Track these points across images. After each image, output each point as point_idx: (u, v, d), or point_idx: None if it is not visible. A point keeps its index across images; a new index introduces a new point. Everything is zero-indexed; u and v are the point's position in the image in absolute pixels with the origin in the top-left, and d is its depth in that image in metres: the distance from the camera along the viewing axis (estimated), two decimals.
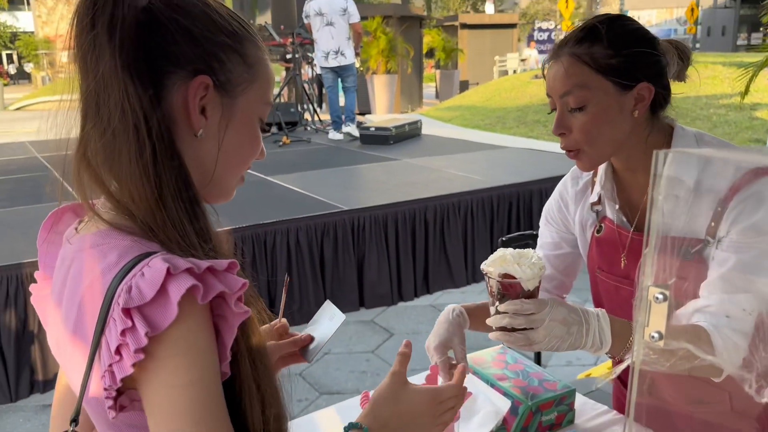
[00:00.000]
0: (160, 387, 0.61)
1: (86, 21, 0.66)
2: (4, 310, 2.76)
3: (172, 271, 0.61)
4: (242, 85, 0.74)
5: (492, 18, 19.60)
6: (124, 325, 0.60)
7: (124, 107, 0.66)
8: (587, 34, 1.08)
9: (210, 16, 0.72)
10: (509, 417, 1.25)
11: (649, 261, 0.44)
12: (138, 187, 0.66)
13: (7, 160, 6.12)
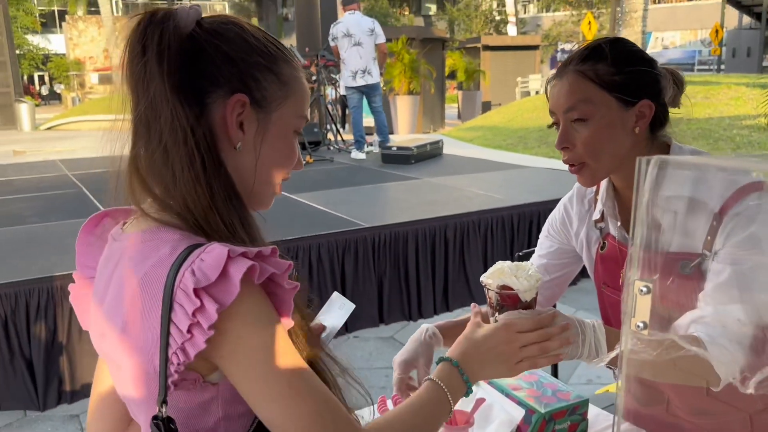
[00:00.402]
0: (240, 354, 0.70)
1: (138, 49, 0.75)
2: (35, 322, 2.85)
3: (231, 255, 0.68)
4: (277, 101, 0.82)
5: (514, 40, 19.71)
6: (194, 305, 0.67)
7: (173, 124, 0.74)
8: (591, 53, 1.12)
9: (246, 40, 0.80)
10: (523, 425, 1.28)
11: (635, 258, 0.48)
12: (191, 193, 0.74)
13: (39, 177, 6.30)
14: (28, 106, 17.38)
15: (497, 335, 0.93)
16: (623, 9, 10.98)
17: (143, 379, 0.74)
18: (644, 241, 0.47)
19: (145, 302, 0.71)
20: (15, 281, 2.85)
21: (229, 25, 0.80)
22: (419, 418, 0.84)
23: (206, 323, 0.67)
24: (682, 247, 1.04)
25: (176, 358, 0.69)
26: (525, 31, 32.37)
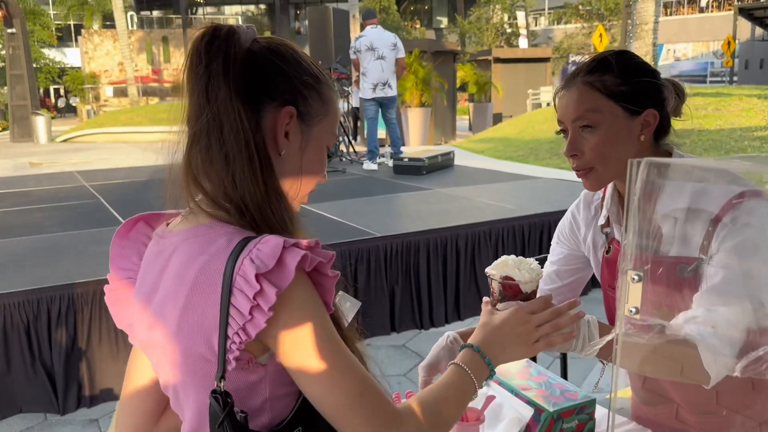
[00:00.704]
0: (291, 335, 0.78)
1: (204, 60, 0.83)
2: (56, 328, 2.92)
3: (285, 245, 0.76)
4: (318, 117, 0.91)
5: (525, 52, 19.79)
6: (254, 290, 0.74)
7: (237, 129, 0.82)
8: (598, 65, 1.18)
9: (298, 60, 0.89)
10: (532, 423, 1.32)
11: (629, 250, 0.53)
12: (250, 189, 0.82)
13: (57, 188, 6.42)
14: (45, 119, 17.63)
15: (512, 318, 1.01)
16: (634, 21, 11.01)
17: (197, 361, 0.81)
18: (636, 234, 0.52)
19: (204, 289, 0.78)
20: (36, 288, 2.92)
21: (285, 46, 0.90)
22: (449, 395, 0.91)
23: (266, 305, 0.74)
24: (681, 251, 1.09)
25: (237, 337, 0.76)
26: (536, 44, 32.46)
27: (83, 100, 33.95)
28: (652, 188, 1.11)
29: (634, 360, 0.80)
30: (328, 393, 0.78)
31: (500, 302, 1.09)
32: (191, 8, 40.60)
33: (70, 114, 38.42)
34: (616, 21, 28.84)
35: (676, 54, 32.66)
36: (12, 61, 18.08)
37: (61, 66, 40.07)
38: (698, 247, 1.08)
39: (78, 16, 40.62)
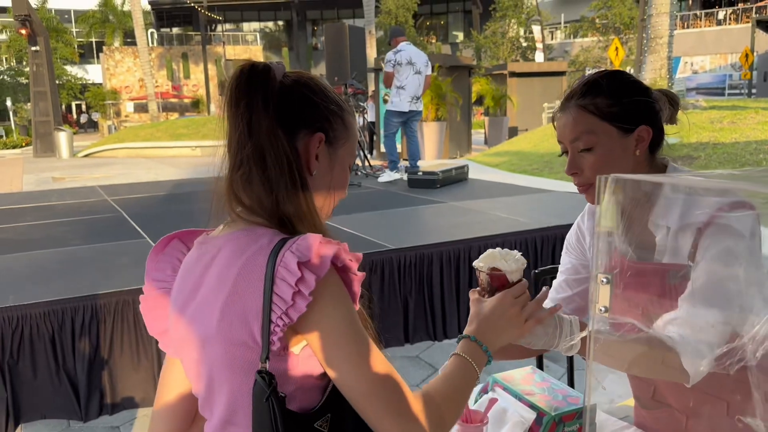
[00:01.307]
0: (323, 322, 0.87)
1: (244, 94, 0.94)
2: (79, 338, 3.01)
3: (322, 241, 0.87)
4: (342, 141, 1.03)
5: (541, 66, 19.86)
6: (296, 276, 0.84)
7: (280, 154, 0.94)
8: (590, 88, 1.26)
9: (324, 92, 1.02)
10: (534, 427, 1.38)
11: (601, 256, 0.60)
12: (296, 203, 0.94)
13: (80, 202, 6.57)
14: (67, 134, 17.97)
15: (500, 304, 1.10)
16: (648, 35, 11.04)
17: (237, 349, 0.89)
18: (605, 244, 0.59)
19: (248, 282, 0.88)
20: (61, 299, 3.02)
21: (312, 79, 1.02)
22: (456, 383, 1.00)
23: (307, 290, 0.84)
24: (672, 259, 1.15)
25: (281, 321, 0.85)
26: (552, 57, 32.50)
27: (104, 116, 34.52)
28: (647, 199, 1.18)
29: (613, 358, 0.86)
30: (354, 377, 0.87)
31: (488, 294, 1.16)
32: (210, 25, 41.20)
33: (92, 129, 39.05)
34: (633, 34, 28.81)
35: (694, 67, 32.47)
36: (36, 78, 18.49)
37: (82, 82, 40.84)
38: (687, 255, 1.14)
39: (100, 33, 41.41)
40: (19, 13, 16.94)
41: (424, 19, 45.09)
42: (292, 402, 0.90)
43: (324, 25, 14.11)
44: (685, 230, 1.15)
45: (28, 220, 5.52)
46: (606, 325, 0.61)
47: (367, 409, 0.87)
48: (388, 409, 0.87)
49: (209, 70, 36.38)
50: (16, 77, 36.97)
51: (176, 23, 44.13)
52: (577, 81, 1.31)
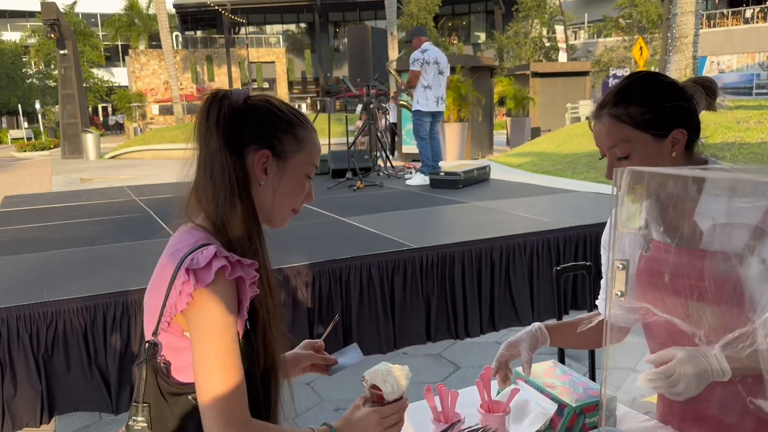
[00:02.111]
0: (198, 320, 1.03)
1: (205, 116, 1.14)
2: (111, 332, 3.10)
3: (217, 254, 1.03)
4: (291, 153, 1.18)
5: (564, 66, 19.75)
6: (185, 279, 1.02)
7: (222, 167, 1.12)
8: (622, 96, 1.29)
9: (272, 112, 1.17)
10: (555, 418, 1.41)
11: (618, 243, 0.63)
12: (228, 213, 1.12)
13: (109, 202, 6.71)
14: (94, 136, 18.29)
15: (366, 418, 1.19)
16: (673, 34, 10.93)
17: (150, 317, 1.10)
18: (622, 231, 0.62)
19: (166, 271, 1.07)
20: (93, 295, 3.11)
21: (264, 102, 1.18)
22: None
23: (187, 291, 1.01)
24: (724, 247, 1.16)
25: (170, 309, 1.04)
26: (575, 58, 32.26)
27: (130, 118, 35.01)
28: (692, 193, 1.19)
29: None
30: (201, 375, 1.03)
31: (369, 403, 1.25)
32: (234, 28, 41.58)
33: (118, 131, 39.62)
34: (657, 33, 28.49)
35: (720, 66, 31.98)
36: (64, 81, 18.85)
37: (109, 85, 41.45)
38: (738, 249, 1.14)
39: (125, 36, 42.02)
40: (48, 17, 17.29)
41: (445, 20, 45.03)
42: (186, 373, 1.07)
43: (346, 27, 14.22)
44: (734, 226, 1.16)
45: (59, 220, 5.66)
46: (621, 309, 0.65)
47: (204, 403, 1.02)
48: (218, 413, 1.00)
49: (233, 72, 36.74)
50: (44, 80, 37.70)
51: (200, 26, 44.60)
52: (610, 88, 1.35)
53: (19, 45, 38.89)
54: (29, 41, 40.13)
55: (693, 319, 1.03)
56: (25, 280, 3.48)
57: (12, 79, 35.52)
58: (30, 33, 39.54)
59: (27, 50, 39.80)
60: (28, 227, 5.32)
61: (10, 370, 2.97)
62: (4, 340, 2.94)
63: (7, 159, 21.72)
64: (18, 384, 2.99)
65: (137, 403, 1.06)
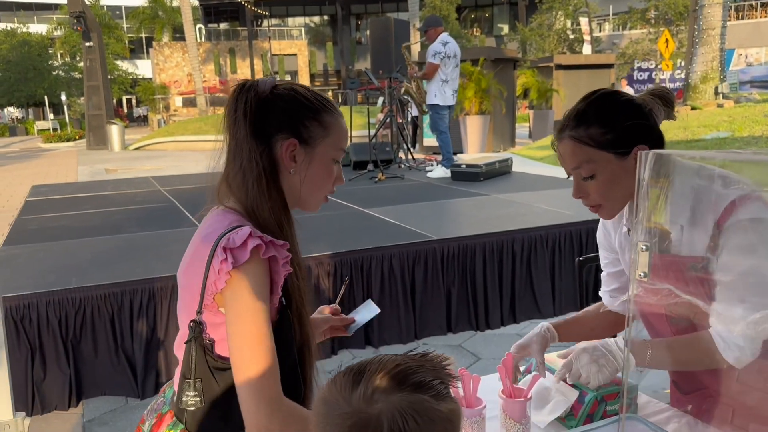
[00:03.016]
0: (233, 299, 1.07)
1: (233, 107, 1.17)
2: (137, 319, 3.17)
3: (252, 234, 1.07)
4: (318, 139, 1.20)
5: (588, 58, 19.50)
6: (222, 257, 1.05)
7: (250, 157, 1.15)
8: (582, 119, 1.31)
9: (298, 99, 1.19)
10: (577, 405, 1.43)
11: (640, 227, 0.64)
12: (258, 199, 1.16)
13: (134, 192, 6.82)
14: (118, 128, 18.52)
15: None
16: (700, 26, 10.76)
17: (187, 295, 1.15)
18: (646, 214, 0.64)
19: (203, 251, 1.10)
20: (120, 282, 3.17)
21: (289, 90, 1.20)
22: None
23: (225, 269, 1.05)
24: (691, 252, 1.19)
25: (212, 287, 1.07)
26: (600, 50, 31.88)
27: (154, 110, 35.32)
28: (656, 199, 1.23)
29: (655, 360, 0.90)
30: (236, 352, 1.06)
31: None
32: (256, 20, 41.73)
33: (142, 123, 40.04)
34: (684, 25, 28.05)
35: (748, 59, 31.39)
36: (89, 73, 19.10)
37: (133, 77, 41.88)
38: (704, 248, 1.18)
39: (149, 29, 42.38)
40: (74, 9, 17.53)
41: (468, 11, 44.75)
42: (223, 347, 1.12)
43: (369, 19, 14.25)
44: (698, 227, 1.19)
45: (86, 209, 5.76)
46: (645, 291, 0.66)
47: (239, 380, 1.05)
48: (252, 389, 1.04)
49: (255, 65, 36.91)
50: (70, 72, 38.19)
51: (223, 19, 44.85)
52: (567, 111, 1.37)
53: (46, 37, 39.46)
54: (55, 33, 40.68)
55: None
56: (54, 267, 3.56)
57: (39, 71, 36.07)
58: (56, 25, 40.07)
59: (53, 42, 40.37)
60: (56, 216, 5.43)
61: (40, 355, 3.05)
62: (34, 325, 3.02)
63: (33, 150, 22.10)
64: (47, 368, 3.07)
65: (189, 379, 1.09)
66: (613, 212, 1.39)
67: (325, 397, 0.67)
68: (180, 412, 1.12)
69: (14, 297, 2.94)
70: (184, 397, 1.09)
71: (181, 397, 1.10)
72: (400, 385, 0.64)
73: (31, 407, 3.00)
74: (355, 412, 0.63)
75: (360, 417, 0.63)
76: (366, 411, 0.62)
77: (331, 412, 0.66)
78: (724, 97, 12.38)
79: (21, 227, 4.89)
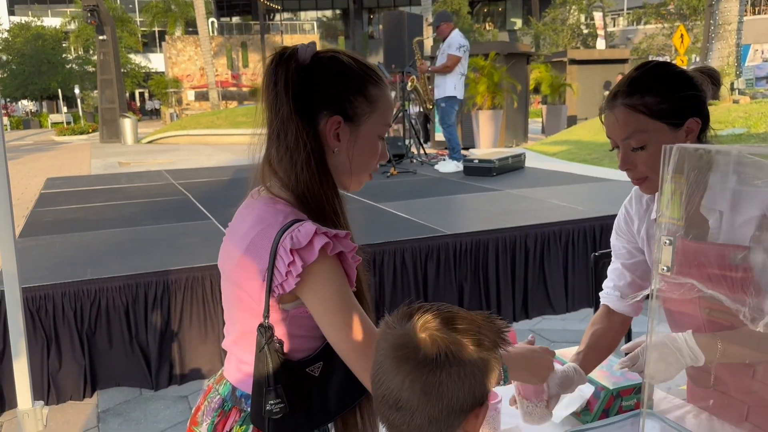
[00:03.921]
0: (315, 298, 1.03)
1: (272, 80, 1.07)
2: (151, 311, 3.19)
3: (317, 231, 0.99)
4: (365, 116, 1.10)
5: (602, 53, 19.35)
6: (289, 259, 0.99)
7: (297, 136, 1.06)
8: (636, 87, 1.27)
9: (342, 71, 1.09)
10: (592, 400, 1.42)
11: (663, 221, 0.64)
12: (310, 184, 1.07)
13: (148, 185, 6.85)
14: (131, 121, 18.58)
15: (543, 354, 1.28)
16: (716, 22, 10.65)
17: (244, 293, 1.07)
18: (669, 208, 0.63)
19: (259, 249, 1.03)
20: (135, 274, 3.19)
21: (335, 59, 1.10)
22: None
23: (295, 272, 0.99)
24: (730, 240, 1.16)
25: (278, 289, 1.01)
26: (614, 45, 31.63)
27: (166, 104, 35.46)
28: (697, 183, 1.20)
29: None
30: (338, 343, 1.04)
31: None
32: (269, 14, 41.75)
33: (154, 117, 40.21)
34: (699, 21, 27.77)
35: (765, 54, 30.98)
36: (102, 66, 19.19)
37: (146, 71, 41.99)
38: (748, 238, 1.15)
39: (162, 23, 42.47)
40: (87, 3, 17.60)
41: (481, 5, 44.54)
42: (289, 345, 1.08)
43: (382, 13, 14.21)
44: (741, 214, 1.16)
45: (100, 201, 5.80)
46: (668, 285, 0.66)
47: (352, 366, 1.04)
48: (366, 369, 0.98)
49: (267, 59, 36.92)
50: (83, 65, 38.37)
51: (236, 12, 44.87)
52: (622, 78, 1.33)
53: (60, 31, 39.64)
54: (69, 27, 40.90)
55: (738, 296, 1.03)
56: (70, 259, 3.59)
57: (52, 64, 36.24)
58: (70, 19, 40.29)
59: (67, 36, 40.58)
60: (70, 208, 5.47)
61: (56, 345, 3.08)
62: (50, 316, 3.05)
63: (47, 142, 22.26)
64: (63, 358, 3.10)
65: (270, 387, 1.03)
66: (657, 186, 1.35)
67: (387, 320, 0.82)
68: (260, 420, 1.06)
69: (30, 288, 2.97)
70: (268, 406, 1.03)
71: (265, 407, 1.03)
72: (445, 325, 0.76)
73: (46, 397, 3.03)
74: (403, 333, 0.77)
75: (404, 338, 0.76)
76: (409, 335, 0.76)
77: (385, 330, 0.80)
78: (739, 93, 12.26)
79: (36, 219, 4.93)
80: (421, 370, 0.74)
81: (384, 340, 0.81)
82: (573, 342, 1.54)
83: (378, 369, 0.81)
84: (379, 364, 0.81)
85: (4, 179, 1.96)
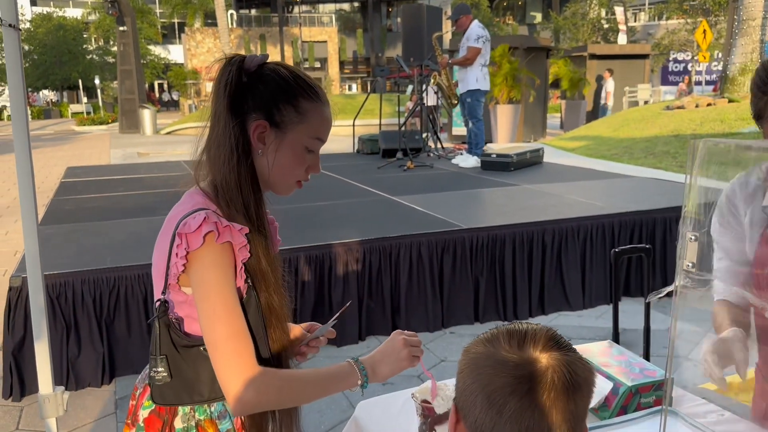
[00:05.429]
0: (194, 282, 1.09)
1: (217, 80, 1.16)
2: None
3: (206, 219, 1.07)
4: (292, 125, 1.17)
5: (623, 48, 19.16)
6: (179, 242, 1.08)
7: (224, 131, 1.14)
8: None
9: (277, 82, 1.17)
10: (611, 396, 1.41)
11: (689, 216, 0.63)
12: (227, 175, 1.14)
13: (167, 175, 6.90)
14: (150, 112, 18.74)
15: (393, 340, 1.25)
16: (740, 17, 10.48)
17: (156, 274, 1.16)
18: (696, 203, 0.62)
19: (166, 233, 1.13)
20: None
21: (272, 72, 1.17)
22: (320, 375, 1.17)
23: (180, 255, 1.07)
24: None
25: (174, 269, 1.10)
26: (635, 40, 31.28)
27: (185, 95, 35.63)
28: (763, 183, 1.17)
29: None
30: (203, 327, 1.09)
31: (422, 419, 1.36)
32: (287, 6, 41.77)
33: (173, 108, 40.47)
34: (722, 16, 27.36)
35: None
36: (122, 57, 19.36)
37: (165, 62, 42.23)
38: None
39: (182, 14, 42.61)
40: None
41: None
42: (189, 325, 1.15)
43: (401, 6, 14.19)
44: None
45: (119, 191, 5.86)
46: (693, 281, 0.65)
47: (213, 356, 1.08)
48: (226, 363, 1.07)
49: (285, 51, 36.97)
50: (104, 56, 38.69)
51: (255, 5, 44.93)
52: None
53: (81, 21, 39.95)
54: (90, 18, 41.21)
55: None
56: (89, 247, 3.63)
57: (73, 54, 36.55)
58: (91, 10, 40.58)
59: (88, 27, 40.90)
60: (91, 197, 5.53)
61: (75, 332, 3.12)
62: (70, 303, 3.08)
63: (67, 132, 22.50)
64: (82, 346, 3.14)
65: (154, 356, 1.14)
66: None
67: (488, 352, 0.77)
68: (151, 387, 1.17)
69: (51, 275, 3.00)
70: (152, 373, 1.15)
71: (150, 373, 1.16)
72: (558, 346, 0.76)
73: (65, 384, 3.07)
74: (526, 363, 0.74)
75: (528, 369, 0.73)
76: (535, 363, 0.74)
77: (497, 364, 0.75)
78: None
79: (57, 207, 4.99)
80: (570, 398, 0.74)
81: (500, 377, 0.75)
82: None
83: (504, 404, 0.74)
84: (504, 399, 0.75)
85: (28, 168, 1.99)
